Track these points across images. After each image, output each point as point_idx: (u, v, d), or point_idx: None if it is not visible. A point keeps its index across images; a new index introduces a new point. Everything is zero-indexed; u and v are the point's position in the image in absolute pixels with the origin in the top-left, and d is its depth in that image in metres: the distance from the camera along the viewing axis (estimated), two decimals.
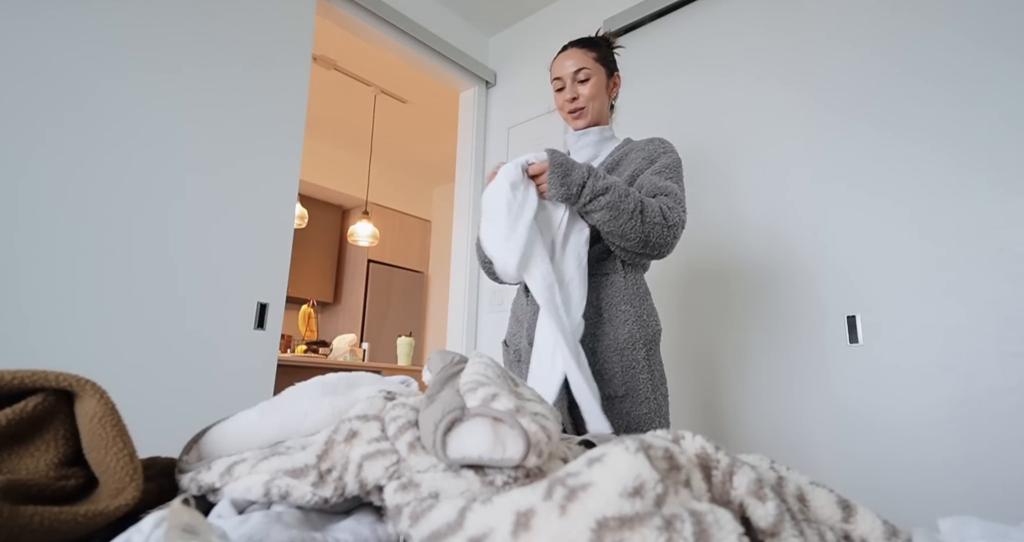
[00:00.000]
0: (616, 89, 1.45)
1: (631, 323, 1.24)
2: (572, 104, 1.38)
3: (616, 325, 1.24)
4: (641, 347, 1.23)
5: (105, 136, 1.64)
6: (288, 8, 2.13)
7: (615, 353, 1.22)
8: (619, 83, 1.45)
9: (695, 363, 1.95)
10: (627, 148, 1.38)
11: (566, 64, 1.38)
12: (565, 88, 1.38)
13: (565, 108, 1.40)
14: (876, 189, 1.69)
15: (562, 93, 1.39)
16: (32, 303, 1.47)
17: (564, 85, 1.39)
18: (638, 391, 1.20)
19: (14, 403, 0.46)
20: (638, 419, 1.18)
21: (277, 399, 0.61)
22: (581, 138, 1.42)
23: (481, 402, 0.47)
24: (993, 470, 1.40)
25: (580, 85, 1.37)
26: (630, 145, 1.39)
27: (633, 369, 1.21)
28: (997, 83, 1.55)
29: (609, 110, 1.45)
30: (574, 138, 1.43)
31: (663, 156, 1.32)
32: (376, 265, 5.20)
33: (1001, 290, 1.47)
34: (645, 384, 1.21)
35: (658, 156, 1.32)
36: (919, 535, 0.45)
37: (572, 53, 1.39)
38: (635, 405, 1.19)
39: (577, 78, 1.37)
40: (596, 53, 1.40)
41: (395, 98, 4.10)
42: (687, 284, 2.03)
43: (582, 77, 1.37)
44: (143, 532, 0.33)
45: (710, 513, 0.35)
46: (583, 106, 1.38)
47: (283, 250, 2.00)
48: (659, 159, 1.31)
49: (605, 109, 1.42)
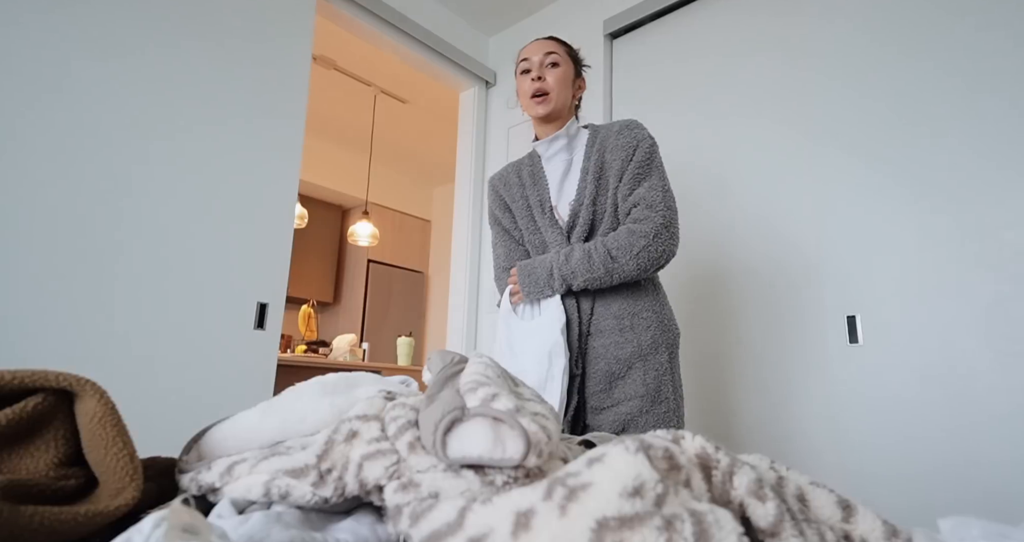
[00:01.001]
0: (581, 91, 1.42)
1: (654, 328, 1.26)
2: (539, 84, 1.33)
3: (639, 332, 1.25)
4: (664, 351, 1.26)
5: (104, 136, 1.64)
6: (288, 8, 2.13)
7: (639, 359, 1.24)
8: (584, 88, 1.43)
9: (695, 363, 1.95)
10: (601, 146, 1.32)
11: (537, 48, 1.36)
12: (532, 70, 1.34)
13: (529, 92, 1.34)
14: (876, 189, 1.69)
15: (528, 75, 1.35)
16: (32, 303, 1.47)
17: (532, 67, 1.35)
18: (660, 392, 1.23)
19: (14, 403, 0.46)
20: (657, 417, 1.21)
21: (277, 399, 0.61)
22: (550, 146, 1.37)
23: (481, 402, 0.47)
24: (993, 470, 1.40)
25: (549, 69, 1.34)
26: (601, 138, 1.34)
27: (657, 371, 1.24)
28: (997, 84, 1.55)
29: (573, 110, 1.41)
30: (543, 147, 1.38)
31: (636, 152, 1.28)
32: (376, 265, 5.20)
33: (1001, 290, 1.47)
34: (667, 386, 1.24)
35: (632, 152, 1.28)
36: (919, 535, 0.45)
37: (544, 41, 1.37)
38: (655, 404, 1.22)
39: (547, 61, 1.34)
40: (567, 48, 1.39)
41: (395, 98, 4.10)
42: (687, 284, 2.03)
43: (552, 60, 1.34)
44: (143, 532, 0.33)
45: (710, 513, 0.35)
46: (548, 91, 1.33)
47: (283, 250, 2.00)
48: (634, 157, 1.27)
49: (568, 104, 1.37)
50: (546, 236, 1.35)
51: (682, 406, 1.28)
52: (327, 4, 2.31)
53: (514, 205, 1.42)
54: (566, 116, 1.37)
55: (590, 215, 1.30)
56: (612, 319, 1.26)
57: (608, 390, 1.24)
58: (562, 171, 1.37)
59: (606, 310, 1.27)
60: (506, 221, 1.44)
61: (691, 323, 2.00)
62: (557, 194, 1.36)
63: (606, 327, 1.27)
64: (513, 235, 1.44)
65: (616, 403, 1.23)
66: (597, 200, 1.30)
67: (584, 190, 1.31)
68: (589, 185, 1.30)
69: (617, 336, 1.25)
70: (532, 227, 1.38)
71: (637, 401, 1.21)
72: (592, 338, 1.28)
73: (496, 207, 1.46)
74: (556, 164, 1.38)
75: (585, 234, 1.30)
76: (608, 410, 1.24)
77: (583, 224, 1.30)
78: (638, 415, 1.21)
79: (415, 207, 5.63)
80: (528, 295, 1.30)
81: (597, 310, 1.28)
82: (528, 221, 1.39)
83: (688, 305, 2.02)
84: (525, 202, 1.40)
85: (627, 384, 1.23)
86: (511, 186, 1.43)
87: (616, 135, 1.31)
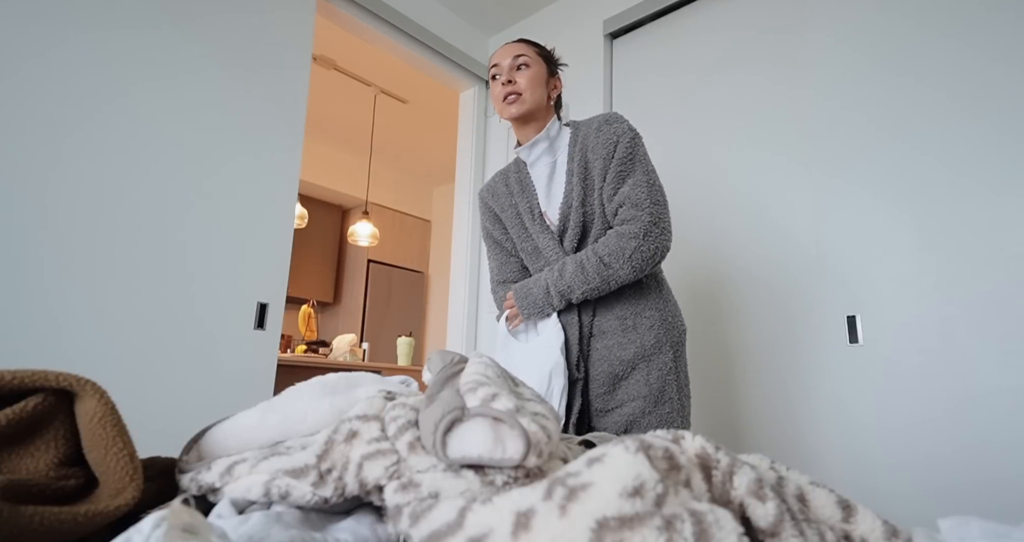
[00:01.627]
0: (556, 90, 1.38)
1: (657, 327, 1.25)
2: (509, 87, 1.31)
3: (642, 332, 1.24)
4: (668, 350, 1.24)
5: (104, 136, 1.64)
6: (288, 8, 2.13)
7: (643, 360, 1.23)
8: (560, 87, 1.39)
9: (695, 363, 1.95)
10: (583, 144, 1.29)
11: (504, 53, 1.34)
12: (502, 74, 1.32)
13: (500, 95, 1.32)
14: (876, 189, 1.69)
15: (497, 80, 1.33)
16: (32, 303, 1.47)
17: (501, 71, 1.33)
18: (664, 392, 1.21)
19: (14, 403, 0.46)
20: (660, 418, 1.20)
21: (277, 399, 0.61)
22: (532, 151, 1.34)
23: (481, 402, 0.47)
24: (993, 470, 1.40)
25: (518, 71, 1.32)
26: (583, 136, 1.31)
27: (661, 371, 1.22)
28: (997, 83, 1.55)
29: (554, 109, 1.39)
30: (525, 152, 1.35)
31: (617, 148, 1.24)
32: (376, 265, 5.20)
33: (1001, 290, 1.47)
34: (671, 386, 1.22)
35: (612, 150, 1.25)
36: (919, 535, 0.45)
37: (512, 45, 1.36)
38: (659, 404, 1.21)
39: (516, 64, 1.32)
40: (537, 49, 1.37)
41: (395, 98, 4.10)
42: (687, 285, 2.03)
43: (521, 62, 1.32)
44: (143, 532, 0.33)
45: (710, 513, 0.35)
46: (520, 92, 1.30)
47: (283, 250, 2.00)
48: (615, 154, 1.24)
49: (543, 104, 1.34)
50: (538, 242, 1.32)
51: (688, 406, 1.26)
52: (327, 4, 2.31)
53: (503, 214, 1.40)
54: (543, 116, 1.34)
55: (580, 217, 1.27)
56: (615, 320, 1.25)
57: (611, 392, 1.23)
58: (547, 175, 1.34)
59: (608, 311, 1.26)
60: (497, 233, 1.43)
61: (691, 324, 2.00)
62: (545, 199, 1.33)
63: (609, 328, 1.26)
64: (505, 246, 1.42)
65: (620, 405, 1.22)
66: (586, 201, 1.27)
67: (571, 192, 1.28)
68: (576, 187, 1.27)
69: (620, 337, 1.24)
70: (524, 234, 1.36)
71: (640, 402, 1.20)
72: (595, 339, 1.27)
73: (487, 219, 1.45)
74: (541, 168, 1.35)
75: (578, 236, 1.28)
76: (612, 412, 1.23)
77: (574, 226, 1.27)
78: (641, 417, 1.20)
79: (415, 207, 5.63)
80: (528, 317, 1.30)
81: (599, 312, 1.27)
82: (519, 229, 1.37)
83: (688, 306, 2.02)
84: (515, 210, 1.38)
85: (630, 385, 1.22)
86: (499, 195, 1.41)
87: (596, 132, 1.27)
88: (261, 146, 1.98)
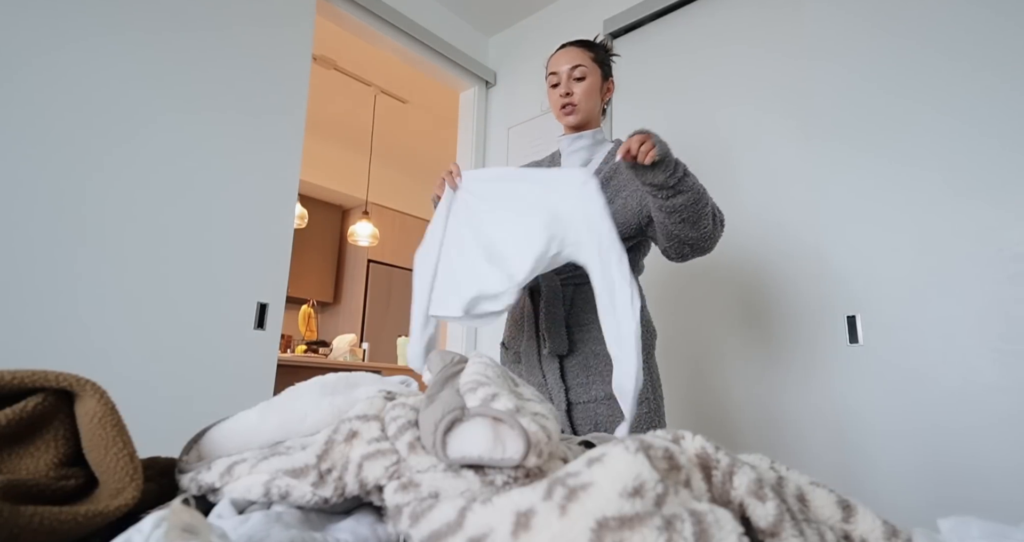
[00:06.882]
0: (609, 94, 1.44)
1: None
2: (566, 99, 1.37)
3: None
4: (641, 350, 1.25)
5: (104, 135, 1.64)
6: (288, 8, 2.13)
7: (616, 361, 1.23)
8: (612, 89, 1.45)
9: (695, 363, 1.95)
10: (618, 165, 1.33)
11: (563, 60, 1.38)
12: (560, 84, 1.37)
13: (558, 104, 1.38)
14: (876, 189, 1.69)
15: (557, 89, 1.38)
16: (32, 303, 1.47)
17: (560, 81, 1.37)
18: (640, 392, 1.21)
19: (14, 403, 0.46)
20: (638, 418, 1.21)
21: (277, 399, 0.61)
22: (574, 142, 1.40)
23: (481, 402, 0.47)
24: (993, 470, 1.40)
25: (576, 82, 1.36)
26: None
27: None
28: (998, 83, 1.55)
29: (601, 114, 1.45)
30: (567, 142, 1.41)
31: None
32: (376, 265, 5.20)
33: (1001, 290, 1.47)
34: (646, 386, 1.24)
35: None
36: (919, 535, 0.45)
37: (570, 51, 1.39)
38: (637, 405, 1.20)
39: (573, 75, 1.36)
40: (594, 54, 1.40)
41: (395, 98, 4.10)
42: (687, 284, 2.03)
43: (578, 74, 1.36)
44: (143, 532, 0.33)
45: (710, 513, 0.35)
46: (576, 103, 1.36)
47: (283, 250, 2.00)
48: None
49: (597, 111, 1.41)
50: None
51: (662, 405, 1.29)
52: (327, 4, 2.31)
53: None
54: (594, 123, 1.42)
55: None
56: (592, 313, 1.26)
57: (587, 384, 1.26)
58: (580, 164, 1.40)
59: (586, 304, 1.28)
60: None
61: (691, 323, 2.00)
62: None
63: (585, 321, 1.29)
64: None
65: (593, 400, 1.25)
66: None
67: None
68: None
69: (596, 332, 1.26)
70: None
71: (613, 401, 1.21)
72: (572, 331, 1.30)
73: None
74: (574, 159, 1.41)
75: None
76: (585, 405, 1.25)
77: None
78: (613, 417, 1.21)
79: (415, 207, 5.63)
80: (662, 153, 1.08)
81: (576, 303, 1.30)
82: None
83: (688, 305, 2.02)
84: None
85: (604, 383, 1.23)
86: None
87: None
88: (261, 146, 1.98)
